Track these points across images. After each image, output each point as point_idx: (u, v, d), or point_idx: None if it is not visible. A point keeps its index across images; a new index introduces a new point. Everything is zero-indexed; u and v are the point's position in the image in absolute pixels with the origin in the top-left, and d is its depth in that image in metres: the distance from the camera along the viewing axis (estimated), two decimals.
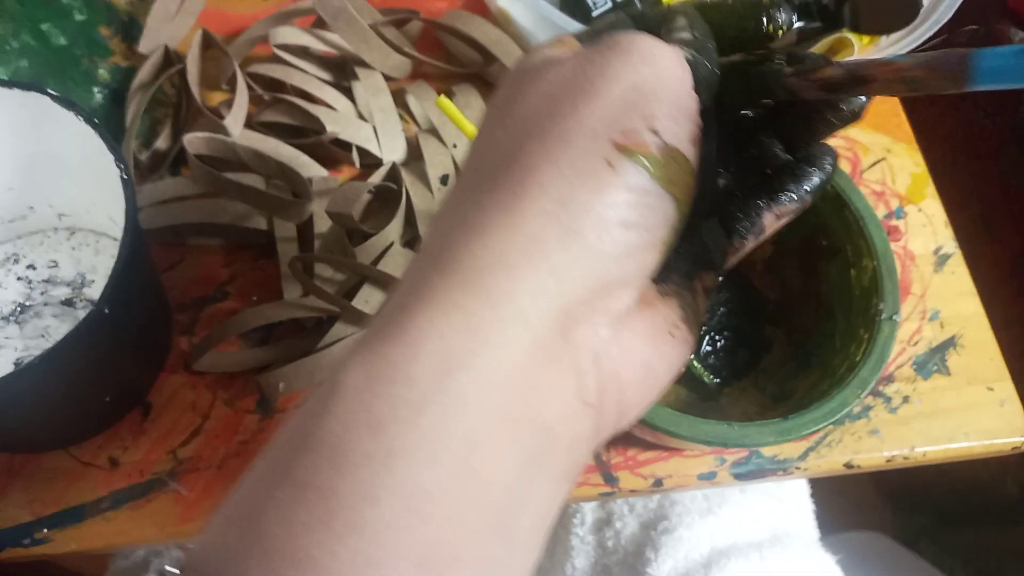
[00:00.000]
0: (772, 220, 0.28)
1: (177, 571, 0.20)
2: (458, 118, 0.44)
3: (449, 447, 0.19)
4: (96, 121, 0.41)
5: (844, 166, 0.57)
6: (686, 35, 0.25)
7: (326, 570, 0.18)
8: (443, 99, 0.42)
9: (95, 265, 0.50)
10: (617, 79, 0.23)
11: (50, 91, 0.42)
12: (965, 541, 0.98)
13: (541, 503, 0.21)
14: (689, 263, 0.27)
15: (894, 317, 0.42)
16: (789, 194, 0.28)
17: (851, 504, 1.00)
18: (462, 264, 0.21)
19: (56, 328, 0.48)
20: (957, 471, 0.92)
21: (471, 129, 0.45)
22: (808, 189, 0.28)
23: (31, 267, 0.50)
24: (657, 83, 0.23)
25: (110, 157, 0.40)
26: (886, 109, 0.60)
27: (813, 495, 0.60)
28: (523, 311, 0.21)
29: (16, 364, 0.47)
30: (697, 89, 0.24)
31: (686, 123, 0.23)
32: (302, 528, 0.18)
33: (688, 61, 0.24)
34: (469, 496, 0.19)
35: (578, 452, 0.22)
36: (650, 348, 0.23)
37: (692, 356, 0.48)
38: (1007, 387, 0.51)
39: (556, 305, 0.21)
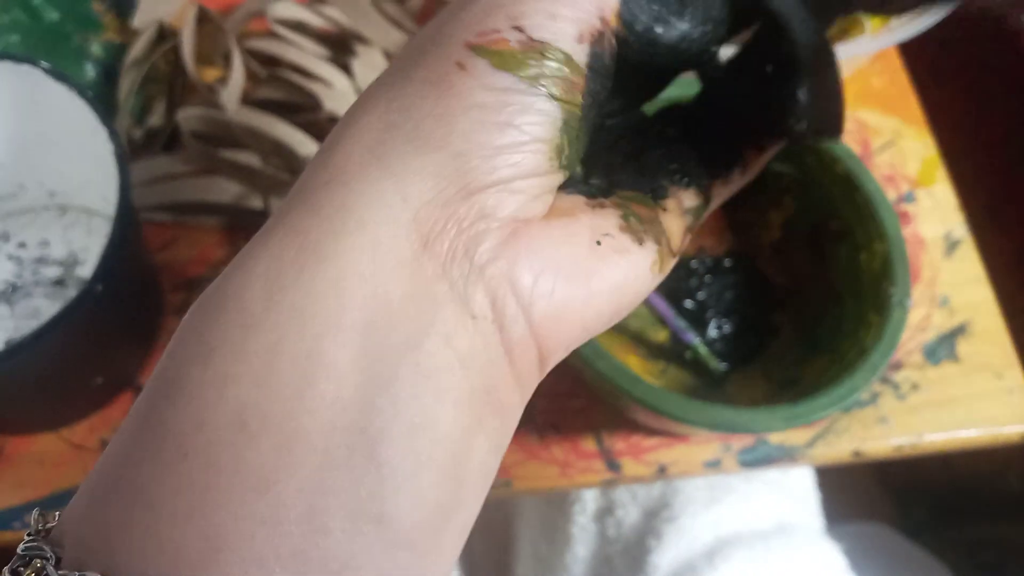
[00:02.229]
0: (755, 155, 0.26)
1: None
2: None
3: (283, 365, 0.18)
4: (90, 95, 0.40)
5: (854, 149, 0.56)
6: None
7: (153, 500, 0.17)
8: None
9: (87, 245, 0.49)
10: None
11: (42, 64, 0.40)
12: (967, 534, 0.98)
13: (431, 429, 0.18)
14: (646, 178, 0.25)
15: (905, 302, 0.41)
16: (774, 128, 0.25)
17: (853, 496, 0.99)
18: (303, 187, 0.20)
19: (47, 308, 0.47)
20: (959, 464, 0.91)
21: None
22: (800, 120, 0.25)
23: (22, 246, 0.49)
24: None
25: (103, 133, 0.39)
26: (896, 91, 0.59)
27: (817, 485, 0.59)
28: (362, 222, 0.19)
29: (7, 344, 0.46)
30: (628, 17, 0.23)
31: (568, 15, 0.21)
32: (138, 464, 0.18)
33: None
34: (310, 414, 0.17)
35: (484, 373, 0.20)
36: (558, 254, 0.21)
37: (699, 340, 0.47)
38: (1016, 375, 0.50)
39: (403, 211, 0.19)
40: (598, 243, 0.22)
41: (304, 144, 0.50)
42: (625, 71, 0.24)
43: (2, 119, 0.44)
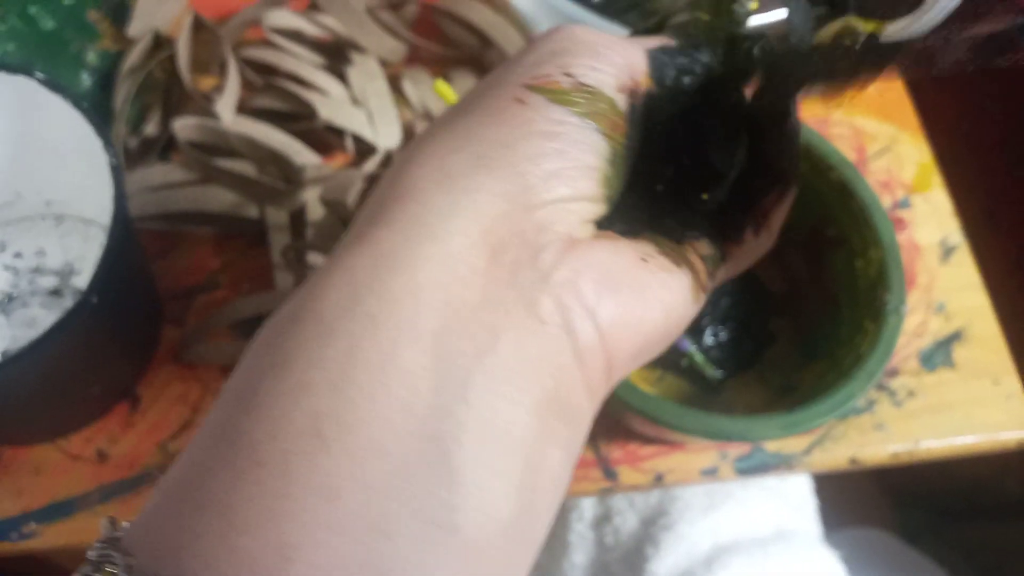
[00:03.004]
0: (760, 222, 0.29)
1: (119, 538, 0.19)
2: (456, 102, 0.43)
3: (359, 371, 0.18)
4: (85, 105, 0.40)
5: (850, 155, 0.56)
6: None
7: (225, 508, 0.17)
8: (441, 83, 0.41)
9: (83, 254, 0.49)
10: (545, 43, 0.25)
11: (38, 74, 0.40)
12: (966, 538, 0.98)
13: (503, 435, 0.19)
14: (667, 232, 0.26)
15: (900, 309, 0.41)
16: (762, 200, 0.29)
17: (852, 500, 0.99)
18: (377, 203, 0.22)
19: (44, 318, 0.47)
20: (958, 468, 0.91)
21: None
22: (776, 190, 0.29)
23: (18, 255, 0.49)
24: (578, 45, 0.24)
25: (99, 142, 0.39)
26: (892, 97, 0.59)
27: (815, 491, 0.59)
28: (434, 233, 0.20)
29: (3, 355, 0.46)
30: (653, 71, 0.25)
31: (609, 71, 0.24)
32: (213, 473, 0.18)
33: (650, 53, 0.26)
34: (390, 423, 0.18)
35: (555, 380, 0.20)
36: (618, 266, 0.22)
37: (695, 347, 0.47)
38: (1013, 381, 0.50)
39: (473, 222, 0.20)
40: (644, 260, 0.23)
41: (300, 153, 0.51)
42: (652, 134, 0.26)
43: None
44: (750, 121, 0.29)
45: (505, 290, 0.20)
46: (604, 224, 0.24)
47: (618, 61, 0.25)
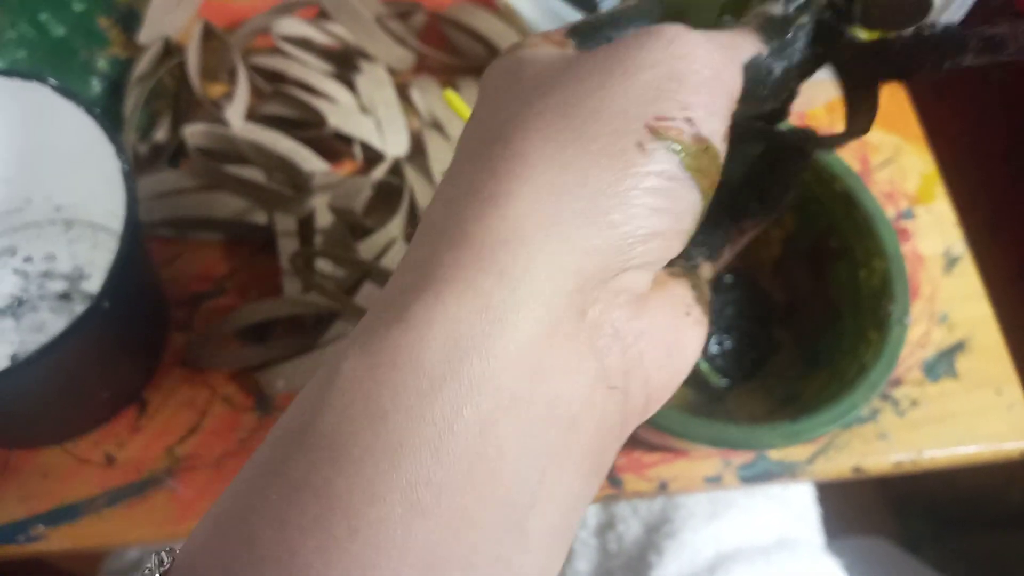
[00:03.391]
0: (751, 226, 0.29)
1: None
2: (465, 113, 0.43)
3: (460, 438, 0.17)
4: (97, 111, 0.40)
5: (854, 166, 0.56)
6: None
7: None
8: (450, 92, 0.41)
9: (92, 259, 0.49)
10: (651, 65, 0.22)
11: (50, 80, 0.41)
12: (968, 548, 0.98)
13: (565, 499, 0.19)
14: (691, 249, 0.27)
15: (904, 319, 0.42)
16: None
17: (854, 509, 0.99)
18: (474, 237, 0.20)
19: (53, 322, 0.47)
20: (961, 477, 0.91)
21: None
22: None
23: (28, 260, 0.49)
24: (695, 75, 0.22)
25: (110, 148, 0.40)
26: (895, 108, 0.59)
27: (818, 500, 0.59)
28: (540, 289, 0.19)
29: (12, 358, 0.47)
30: (747, 88, 0.24)
31: (722, 118, 0.23)
32: (296, 531, 0.17)
33: (746, 64, 0.24)
34: (480, 491, 0.17)
35: (605, 442, 0.21)
36: (671, 328, 0.22)
37: (699, 357, 0.47)
38: (1015, 391, 0.50)
39: (573, 284, 0.20)
40: (687, 314, 0.23)
41: (309, 160, 0.51)
42: None
43: (10, 134, 0.45)
44: (773, 143, 0.30)
45: (587, 355, 0.20)
46: None
47: (725, 99, 0.23)
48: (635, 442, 0.47)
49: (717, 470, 0.47)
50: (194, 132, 0.50)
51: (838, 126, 0.57)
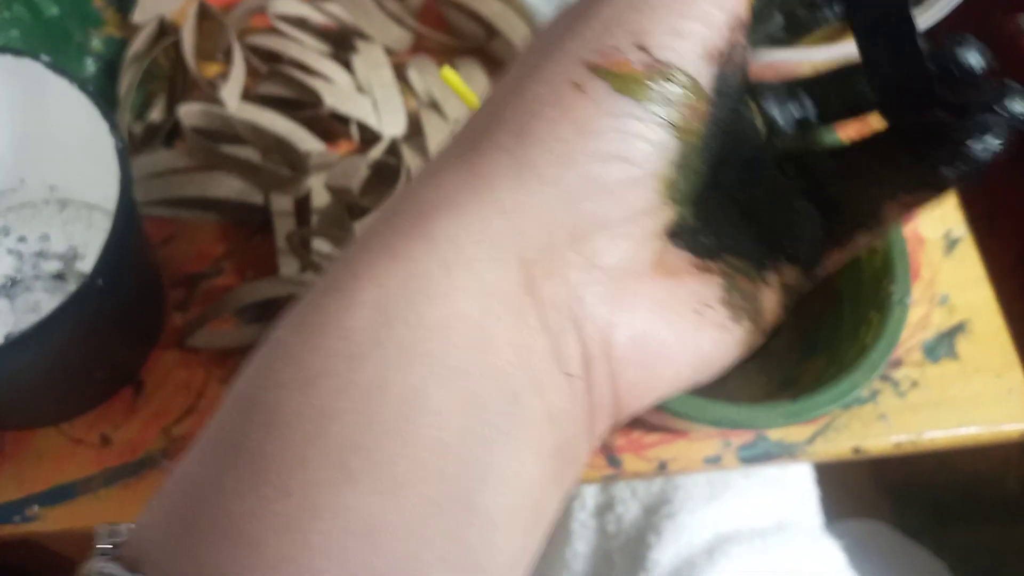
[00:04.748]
0: (896, 208, 0.22)
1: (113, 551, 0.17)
2: (462, 90, 0.43)
3: (389, 406, 0.17)
4: (91, 88, 0.40)
5: None
6: None
7: (252, 539, 0.16)
8: (448, 70, 0.41)
9: (87, 239, 0.49)
10: (620, 3, 0.20)
11: (43, 58, 0.40)
12: (964, 537, 0.98)
13: (520, 480, 0.18)
14: (757, 244, 0.22)
15: (905, 300, 0.41)
16: (936, 170, 0.21)
17: (851, 499, 0.99)
18: (409, 208, 0.19)
19: (47, 302, 0.47)
20: (958, 465, 0.91)
21: (475, 102, 0.44)
22: (956, 167, 0.21)
23: (22, 240, 0.49)
24: None
25: (104, 126, 0.39)
26: None
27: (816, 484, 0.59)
28: (470, 257, 0.18)
29: (6, 339, 0.46)
30: None
31: (697, 32, 0.19)
32: (232, 496, 0.17)
33: None
34: (416, 460, 0.17)
35: (566, 431, 0.19)
36: (659, 320, 0.20)
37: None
38: (1016, 374, 0.50)
39: (513, 251, 0.19)
40: (699, 313, 0.21)
41: (305, 140, 0.50)
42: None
43: (3, 113, 0.44)
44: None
45: (538, 334, 0.19)
46: (686, 228, 0.21)
47: (711, 13, 0.19)
48: (634, 422, 0.47)
49: (717, 451, 0.47)
50: (189, 112, 0.50)
51: None
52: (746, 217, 0.22)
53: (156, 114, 0.52)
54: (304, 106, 0.52)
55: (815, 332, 0.46)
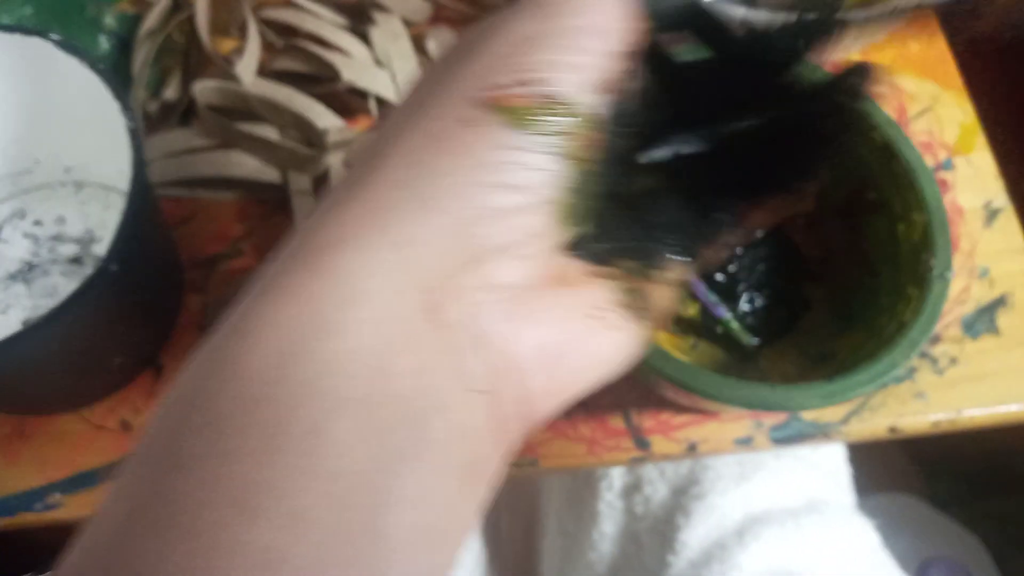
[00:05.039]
0: (755, 212, 0.25)
1: None
2: None
3: (289, 441, 0.17)
4: (102, 67, 0.39)
5: (890, 115, 0.54)
6: None
7: None
8: None
9: (104, 221, 0.48)
10: (500, 31, 0.21)
11: (53, 36, 0.39)
12: (997, 508, 0.97)
13: (427, 500, 0.19)
14: (644, 244, 0.24)
15: (946, 274, 0.40)
16: (783, 181, 0.25)
17: (882, 470, 0.98)
18: (305, 247, 0.20)
19: (64, 287, 0.46)
20: (990, 437, 0.90)
21: None
22: (808, 176, 0.25)
23: (38, 223, 0.48)
24: (543, 29, 0.20)
25: (116, 105, 0.38)
26: (933, 55, 0.57)
27: (847, 460, 0.58)
28: (365, 291, 0.19)
29: (24, 324, 0.46)
30: (651, 18, 0.22)
31: (583, 64, 0.20)
32: (142, 538, 0.17)
33: None
34: (318, 492, 0.17)
35: (475, 447, 0.20)
36: (556, 330, 0.21)
37: (730, 314, 0.45)
38: None
39: (410, 281, 0.19)
40: (594, 318, 0.22)
41: (323, 116, 0.49)
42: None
43: (15, 93, 0.43)
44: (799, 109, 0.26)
45: (440, 357, 0.19)
46: (579, 244, 0.22)
47: (593, 46, 0.21)
48: (663, 403, 0.46)
49: (748, 431, 0.46)
50: (204, 89, 0.49)
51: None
52: (631, 219, 0.24)
53: (171, 92, 0.51)
54: (321, 81, 0.51)
55: (850, 306, 0.45)
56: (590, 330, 0.22)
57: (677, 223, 0.24)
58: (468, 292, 0.20)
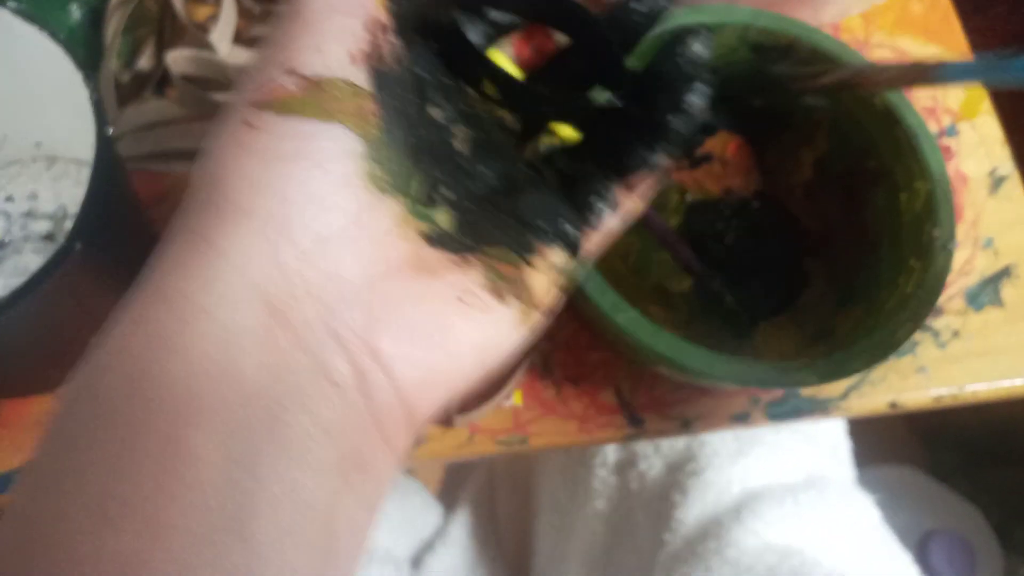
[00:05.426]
0: (625, 193, 0.25)
1: None
2: None
3: (144, 453, 0.18)
4: (62, 36, 0.37)
5: None
6: None
7: None
8: None
9: (76, 196, 0.46)
10: (271, 37, 0.22)
11: (10, 3, 0.37)
12: (998, 479, 0.96)
13: (298, 497, 0.19)
14: (515, 231, 0.24)
15: (950, 245, 0.38)
16: (636, 159, 0.25)
17: (883, 440, 0.97)
18: (147, 276, 0.21)
19: (37, 265, 0.45)
20: (991, 408, 0.89)
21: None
22: (659, 151, 0.25)
23: (9, 199, 0.47)
24: (291, 22, 0.21)
25: (79, 77, 0.36)
26: (937, 17, 0.55)
27: (847, 434, 0.56)
28: (204, 306, 0.19)
29: None
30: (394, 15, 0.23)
31: (334, 41, 0.21)
32: (5, 555, 0.18)
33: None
34: (177, 500, 0.17)
35: (349, 439, 0.20)
36: (423, 315, 0.21)
37: (725, 290, 0.44)
38: None
39: (246, 288, 0.19)
40: (461, 301, 0.22)
41: None
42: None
43: None
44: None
45: (292, 354, 0.19)
46: (442, 232, 0.23)
47: (341, 23, 0.21)
48: (657, 379, 0.44)
49: (744, 408, 0.44)
50: (178, 58, 0.47)
51: (876, 37, 0.53)
52: (497, 206, 0.24)
53: (144, 62, 0.49)
54: None
55: (850, 280, 0.43)
56: (459, 313, 0.22)
57: (549, 211, 0.24)
58: (312, 286, 0.20)
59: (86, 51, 0.48)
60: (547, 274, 0.24)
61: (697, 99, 0.24)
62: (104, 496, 0.17)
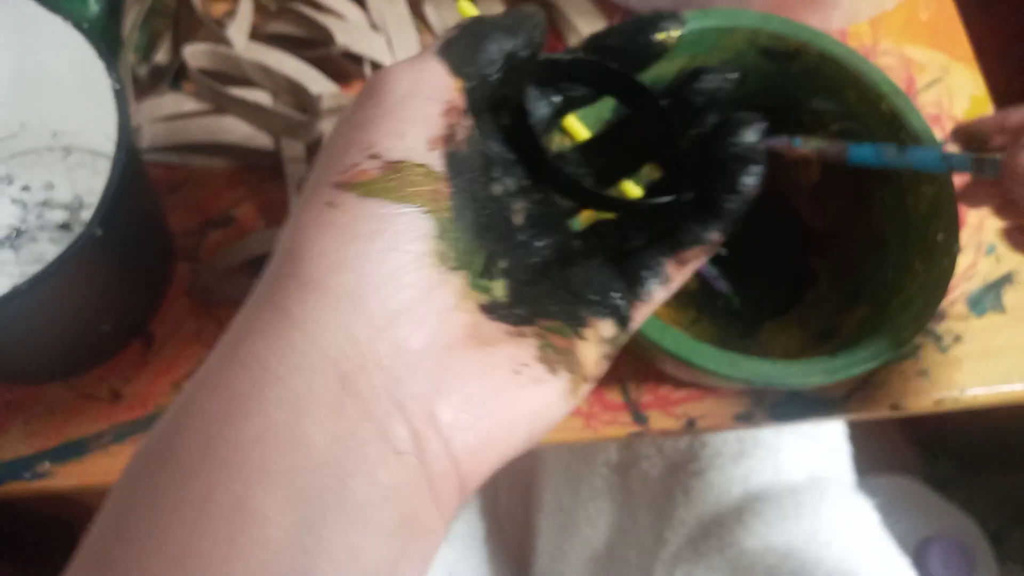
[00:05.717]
0: (676, 268, 0.26)
1: None
2: None
3: (217, 513, 0.19)
4: (85, 26, 0.38)
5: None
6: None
7: None
8: (466, 4, 0.38)
9: (93, 187, 0.47)
10: (350, 119, 0.23)
11: None
12: (995, 485, 0.96)
13: (358, 561, 0.20)
14: (567, 305, 0.25)
15: (954, 248, 0.39)
16: (690, 236, 0.26)
17: (881, 449, 0.98)
18: (224, 345, 0.22)
19: (52, 253, 0.45)
20: (988, 414, 0.89)
21: None
22: (713, 229, 0.26)
23: (26, 189, 0.47)
24: (378, 107, 0.23)
25: (101, 65, 0.37)
26: (943, 23, 0.56)
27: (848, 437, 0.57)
28: (277, 373, 0.20)
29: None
30: (467, 94, 0.24)
31: (415, 127, 0.22)
32: None
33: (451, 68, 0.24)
34: (247, 558, 0.19)
35: (408, 504, 0.21)
36: (479, 386, 0.22)
37: (732, 289, 0.44)
38: None
39: (317, 358, 0.20)
40: (516, 373, 0.22)
41: (317, 81, 0.48)
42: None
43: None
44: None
45: (359, 423, 0.20)
46: (500, 305, 0.24)
47: (421, 109, 0.23)
48: (662, 378, 0.45)
49: (748, 407, 0.45)
50: (195, 52, 0.47)
51: (883, 44, 0.53)
52: (550, 278, 0.25)
53: (161, 55, 0.50)
54: (315, 45, 0.50)
55: (856, 280, 0.44)
56: (515, 385, 0.22)
57: (600, 284, 0.25)
58: (381, 358, 0.21)
59: (103, 44, 0.49)
60: (597, 346, 0.25)
61: (752, 181, 0.25)
62: (184, 554, 0.19)
